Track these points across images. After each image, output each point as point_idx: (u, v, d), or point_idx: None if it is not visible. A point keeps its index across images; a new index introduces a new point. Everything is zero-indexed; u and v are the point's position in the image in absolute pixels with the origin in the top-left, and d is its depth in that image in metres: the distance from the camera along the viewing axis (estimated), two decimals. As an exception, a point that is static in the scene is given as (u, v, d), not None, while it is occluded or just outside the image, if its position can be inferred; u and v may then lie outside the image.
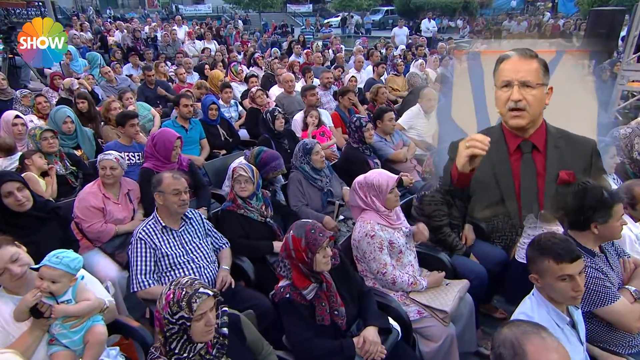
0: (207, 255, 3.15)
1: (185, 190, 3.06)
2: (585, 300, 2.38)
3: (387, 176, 3.14)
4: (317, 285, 2.50)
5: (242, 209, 3.59)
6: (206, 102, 5.99)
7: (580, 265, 2.01)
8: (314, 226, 2.46)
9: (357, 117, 4.79)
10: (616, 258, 2.64)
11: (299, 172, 4.22)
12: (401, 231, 3.23)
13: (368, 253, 3.05)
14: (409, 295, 3.07)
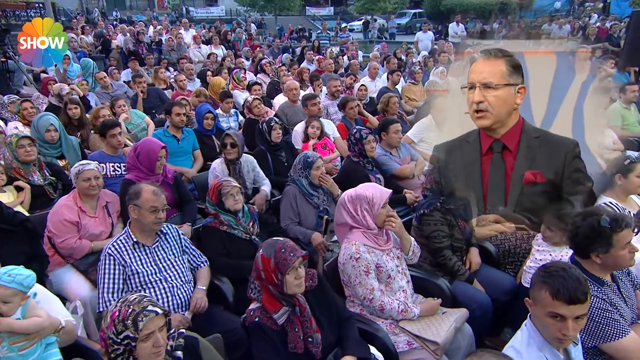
0: (182, 274, 3.20)
1: (163, 208, 3.14)
2: (590, 333, 2.36)
3: (380, 190, 3.17)
4: (290, 309, 2.53)
5: (225, 226, 3.65)
6: (201, 111, 6.11)
7: (578, 311, 1.99)
8: (284, 245, 2.50)
9: (357, 128, 4.84)
10: (631, 289, 2.62)
11: (295, 187, 4.27)
12: (391, 254, 3.24)
13: (353, 277, 3.06)
14: (399, 323, 3.06)
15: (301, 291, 2.53)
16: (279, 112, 7.42)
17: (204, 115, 6.06)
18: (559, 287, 2.00)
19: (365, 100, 7.95)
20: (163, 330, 2.07)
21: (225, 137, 4.72)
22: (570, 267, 2.06)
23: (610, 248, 2.38)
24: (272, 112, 7.11)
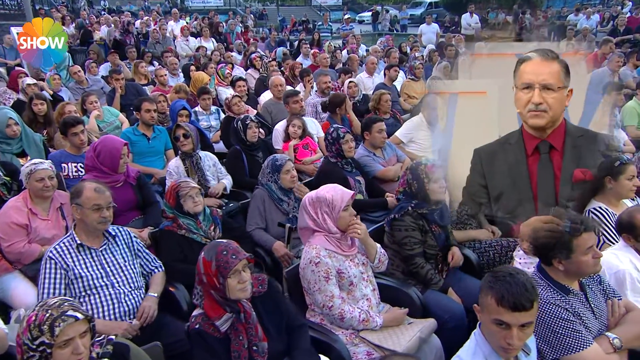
0: (132, 279, 3.30)
1: (108, 206, 3.24)
2: (550, 344, 2.44)
3: (342, 191, 3.26)
4: (234, 315, 2.62)
5: (184, 229, 3.75)
6: (176, 108, 6.24)
7: (523, 318, 2.06)
8: (226, 247, 2.59)
9: (334, 127, 4.94)
10: (601, 298, 2.68)
11: (265, 190, 4.36)
12: (355, 259, 3.32)
13: (313, 283, 3.16)
14: (360, 333, 3.14)
15: (246, 296, 2.62)
16: (262, 110, 7.55)
17: (179, 112, 6.18)
18: (503, 293, 2.07)
19: (357, 97, 8.04)
20: (85, 336, 2.14)
21: (176, 129, 4.89)
22: (518, 273, 2.14)
23: (571, 253, 2.46)
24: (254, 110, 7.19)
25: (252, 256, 2.68)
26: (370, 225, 4.17)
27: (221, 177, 5.23)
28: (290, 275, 3.39)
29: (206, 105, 7.29)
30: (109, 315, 3.13)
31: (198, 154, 5.07)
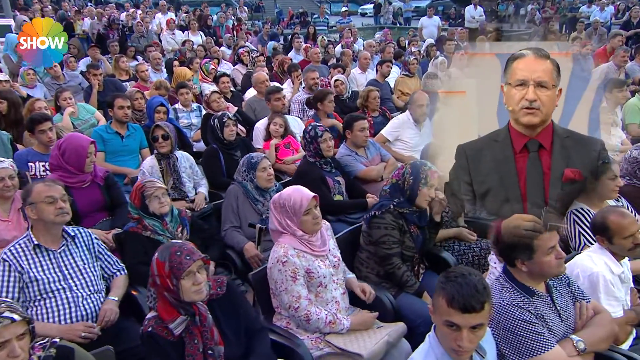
0: (92, 282, 3.37)
1: (62, 197, 3.30)
2: (512, 347, 2.51)
3: (302, 194, 3.34)
4: (188, 318, 2.69)
5: (149, 231, 3.82)
6: (153, 104, 6.32)
7: (473, 320, 2.12)
8: (181, 247, 2.66)
9: (312, 125, 5.01)
10: (569, 301, 2.75)
11: (240, 187, 4.43)
12: (326, 261, 3.40)
13: (279, 283, 3.23)
14: (325, 337, 3.22)
15: (201, 298, 2.69)
16: (246, 107, 7.64)
17: (155, 108, 6.25)
18: (453, 294, 2.13)
19: (346, 95, 8.12)
20: (23, 339, 2.20)
21: (155, 129, 4.94)
22: (471, 274, 2.20)
23: (532, 254, 2.54)
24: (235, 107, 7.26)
25: (207, 257, 2.74)
26: (347, 227, 4.28)
27: (197, 179, 5.29)
28: (256, 278, 3.46)
29: (185, 101, 7.33)
30: (65, 320, 3.18)
31: (175, 155, 5.13)
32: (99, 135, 5.66)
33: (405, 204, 3.78)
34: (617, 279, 3.01)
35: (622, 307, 2.97)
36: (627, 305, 3.07)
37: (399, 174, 3.86)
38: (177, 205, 4.70)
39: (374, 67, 10.30)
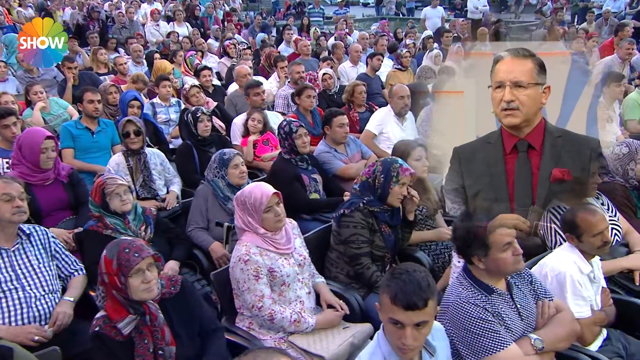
0: (47, 282, 3.45)
1: (20, 196, 3.39)
2: (468, 345, 2.61)
3: (262, 191, 3.42)
4: (138, 317, 2.77)
5: (110, 229, 3.90)
6: (126, 98, 6.37)
7: (416, 318, 2.21)
8: (129, 245, 2.75)
9: (287, 121, 5.09)
10: (531, 299, 2.84)
11: (209, 187, 4.52)
12: (291, 259, 3.49)
13: (242, 282, 3.32)
14: (289, 337, 3.31)
15: (151, 297, 2.77)
16: (227, 102, 7.72)
17: (129, 102, 6.31)
18: (397, 291, 2.22)
19: (334, 89, 8.21)
20: None
21: (126, 124, 5.01)
22: (416, 270, 2.29)
23: (488, 250, 2.63)
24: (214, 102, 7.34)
25: (159, 255, 2.82)
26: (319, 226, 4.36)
27: (169, 177, 5.36)
28: (218, 278, 3.54)
29: (166, 95, 7.39)
30: (16, 321, 3.26)
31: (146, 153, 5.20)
32: (68, 131, 5.74)
33: (375, 202, 3.86)
34: (586, 279, 3.09)
35: (590, 307, 3.04)
36: (597, 305, 3.15)
37: (370, 172, 3.94)
38: (147, 204, 4.81)
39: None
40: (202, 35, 14.19)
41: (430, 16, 16.42)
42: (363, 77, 9.00)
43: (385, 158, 4.09)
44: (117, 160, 5.11)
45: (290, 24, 16.37)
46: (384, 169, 3.86)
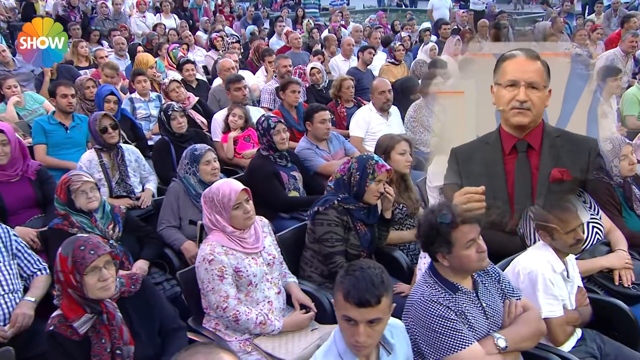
0: (6, 281, 3.52)
1: None
2: (430, 344, 2.69)
3: (230, 187, 3.49)
4: (95, 316, 2.85)
5: (76, 228, 3.97)
6: (102, 93, 6.43)
7: (369, 315, 2.28)
8: (86, 242, 2.82)
9: (265, 116, 5.17)
10: (497, 298, 2.92)
11: (180, 184, 4.60)
12: (260, 259, 3.56)
13: (206, 282, 3.39)
14: (254, 340, 3.39)
15: (108, 295, 2.85)
16: (210, 97, 7.80)
17: (105, 97, 6.37)
18: (349, 288, 2.30)
19: (323, 84, 8.28)
20: None
21: (103, 119, 5.08)
22: (370, 267, 2.37)
23: (451, 247, 2.70)
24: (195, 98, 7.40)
25: (117, 252, 2.90)
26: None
27: (144, 174, 5.43)
28: (185, 278, 3.62)
29: (143, 90, 7.45)
30: (-25, 320, 3.35)
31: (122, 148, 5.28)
32: (40, 127, 5.81)
33: (351, 199, 3.93)
34: (559, 277, 3.16)
35: (562, 306, 3.11)
36: (572, 305, 3.22)
37: (345, 169, 4.01)
38: (121, 203, 4.89)
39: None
40: (191, 27, 14.27)
41: (439, 6, 16.31)
42: (354, 72, 9.08)
43: (361, 155, 4.17)
44: (88, 157, 5.18)
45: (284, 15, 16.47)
46: (359, 166, 3.93)
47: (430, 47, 9.95)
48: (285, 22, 16.33)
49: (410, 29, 13.43)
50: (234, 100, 6.53)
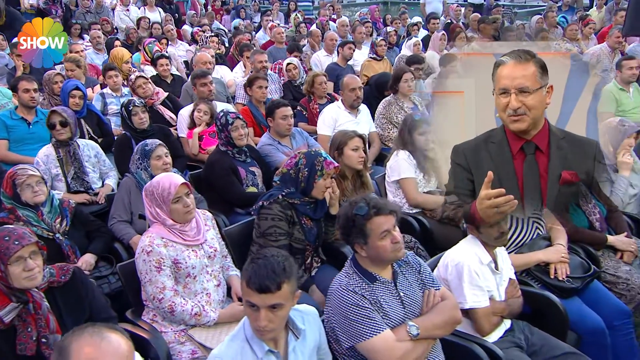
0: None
1: None
2: (345, 331, 2.89)
3: (170, 181, 3.66)
4: (21, 305, 3.02)
5: (22, 222, 4.15)
6: (67, 88, 6.60)
7: (270, 300, 2.47)
8: (11, 232, 2.99)
9: (223, 112, 5.34)
10: (416, 288, 3.12)
11: (132, 179, 4.78)
12: (201, 251, 3.74)
13: (144, 274, 3.57)
14: (189, 331, 3.57)
15: (34, 285, 3.02)
16: (183, 92, 7.97)
17: (70, 92, 6.53)
18: (250, 274, 2.50)
19: (299, 80, 8.45)
20: None
21: (51, 115, 5.26)
22: (274, 256, 2.57)
23: (367, 238, 2.90)
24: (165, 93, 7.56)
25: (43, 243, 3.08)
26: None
27: (104, 170, 5.61)
28: (124, 270, 3.80)
29: (115, 85, 7.63)
30: None
31: (76, 143, 5.46)
32: (2, 122, 5.99)
33: (297, 194, 4.10)
34: (486, 269, 3.35)
35: (487, 297, 3.29)
36: (500, 296, 3.40)
37: (292, 164, 4.18)
38: (78, 198, 5.08)
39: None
40: (178, 21, 14.45)
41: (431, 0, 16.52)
42: (333, 67, 9.25)
43: (309, 150, 4.34)
44: (46, 152, 5.35)
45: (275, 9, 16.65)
46: (307, 162, 4.10)
47: (414, 42, 10.11)
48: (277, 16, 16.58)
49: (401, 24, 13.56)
50: (200, 95, 6.70)
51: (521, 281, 3.70)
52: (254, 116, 6.90)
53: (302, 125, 7.24)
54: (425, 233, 4.92)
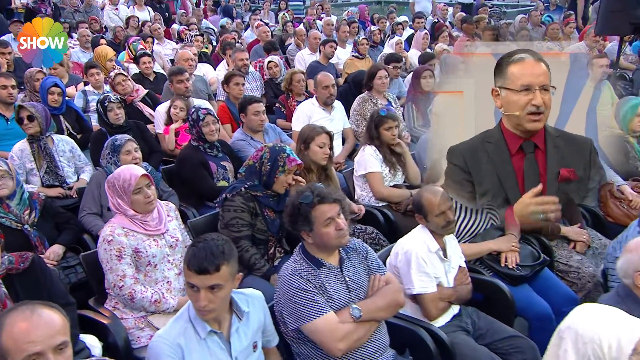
0: None
1: None
2: (290, 314, 3.01)
3: (131, 172, 3.78)
4: (-22, 291, 3.15)
5: (-8, 213, 4.28)
6: (46, 85, 6.72)
7: (209, 281, 2.59)
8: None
9: (195, 107, 5.46)
10: (362, 273, 3.24)
11: (102, 173, 4.86)
12: (162, 240, 3.86)
13: (105, 262, 3.69)
14: (149, 317, 3.69)
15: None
16: (165, 90, 8.07)
17: (49, 89, 6.65)
18: (190, 257, 2.63)
19: (280, 78, 8.58)
20: None
21: (20, 110, 5.38)
22: (214, 239, 2.70)
23: (312, 225, 3.02)
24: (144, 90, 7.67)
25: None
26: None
27: (79, 164, 5.72)
28: (88, 259, 3.92)
29: (97, 83, 7.76)
30: None
31: (51, 137, 5.57)
32: (-20, 119, 6.12)
33: (259, 187, 4.23)
34: (435, 256, 3.49)
35: (434, 283, 3.43)
36: (448, 283, 3.54)
37: (257, 157, 4.30)
38: (52, 192, 5.20)
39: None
40: (167, 20, 14.55)
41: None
42: (315, 65, 9.36)
43: (274, 145, 4.45)
44: (20, 146, 5.46)
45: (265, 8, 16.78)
46: (271, 157, 4.23)
47: (397, 41, 10.24)
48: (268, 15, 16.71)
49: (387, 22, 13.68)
50: (177, 92, 6.81)
51: (473, 269, 3.84)
52: (231, 113, 7.01)
53: (280, 122, 7.39)
54: (390, 225, 5.02)
